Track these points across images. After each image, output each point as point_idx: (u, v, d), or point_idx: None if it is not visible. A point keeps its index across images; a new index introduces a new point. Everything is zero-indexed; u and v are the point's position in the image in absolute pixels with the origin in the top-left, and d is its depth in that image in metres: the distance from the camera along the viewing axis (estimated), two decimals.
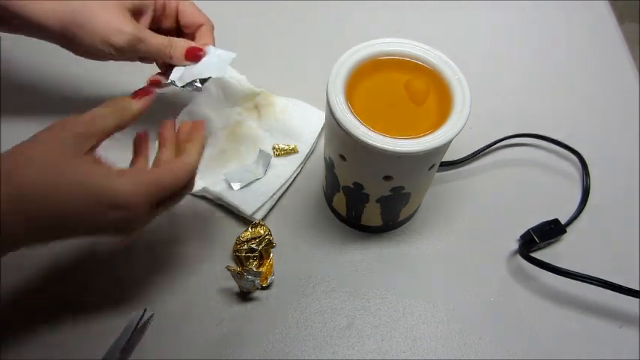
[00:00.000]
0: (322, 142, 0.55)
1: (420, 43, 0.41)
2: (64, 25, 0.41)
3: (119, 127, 0.36)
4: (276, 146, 0.53)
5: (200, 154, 0.38)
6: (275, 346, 0.43)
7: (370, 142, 0.35)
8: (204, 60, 0.44)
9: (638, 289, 0.43)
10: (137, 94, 0.38)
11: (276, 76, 0.60)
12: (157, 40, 0.42)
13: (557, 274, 0.44)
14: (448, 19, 0.69)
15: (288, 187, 0.52)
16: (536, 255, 0.45)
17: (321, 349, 0.43)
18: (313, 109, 0.56)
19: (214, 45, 0.45)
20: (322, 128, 0.55)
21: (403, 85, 0.40)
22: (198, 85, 0.43)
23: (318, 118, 0.55)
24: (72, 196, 0.31)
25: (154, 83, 0.45)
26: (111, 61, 0.45)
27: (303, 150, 0.53)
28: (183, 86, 0.43)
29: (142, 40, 0.42)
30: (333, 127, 0.38)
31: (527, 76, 0.63)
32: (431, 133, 0.36)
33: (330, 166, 0.44)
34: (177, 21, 0.46)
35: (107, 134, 0.35)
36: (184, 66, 0.44)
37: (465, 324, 0.45)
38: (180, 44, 0.43)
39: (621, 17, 0.70)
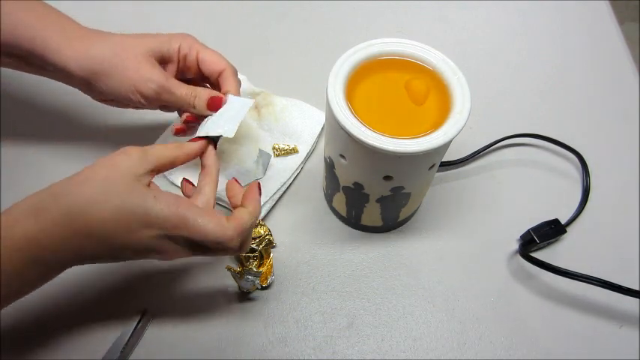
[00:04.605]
0: (322, 142, 0.55)
1: (420, 43, 0.41)
2: (92, 72, 0.41)
3: (177, 160, 0.37)
4: (276, 146, 0.53)
5: (250, 217, 0.37)
6: (275, 346, 0.43)
7: (370, 142, 0.35)
8: (221, 109, 0.43)
9: (638, 289, 0.43)
10: (179, 130, 0.44)
11: (276, 76, 0.60)
12: (182, 91, 0.42)
13: (557, 274, 0.44)
14: (448, 19, 0.69)
15: (288, 187, 0.52)
16: (536, 255, 0.45)
17: (321, 349, 0.43)
18: (313, 109, 0.56)
19: (239, 88, 0.45)
20: (322, 128, 0.55)
21: (403, 85, 0.40)
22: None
23: (318, 118, 0.55)
24: (113, 212, 0.32)
25: (180, 130, 0.45)
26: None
27: (303, 150, 0.53)
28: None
29: (169, 90, 0.42)
30: (333, 127, 0.38)
31: (527, 76, 0.63)
32: (431, 133, 0.36)
33: (330, 166, 0.44)
34: (199, 69, 0.45)
35: (164, 162, 0.36)
36: (206, 115, 0.43)
37: (465, 324, 0.45)
38: (204, 94, 0.43)
39: (621, 17, 0.70)
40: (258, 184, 0.40)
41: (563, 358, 0.44)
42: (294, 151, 0.53)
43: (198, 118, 0.44)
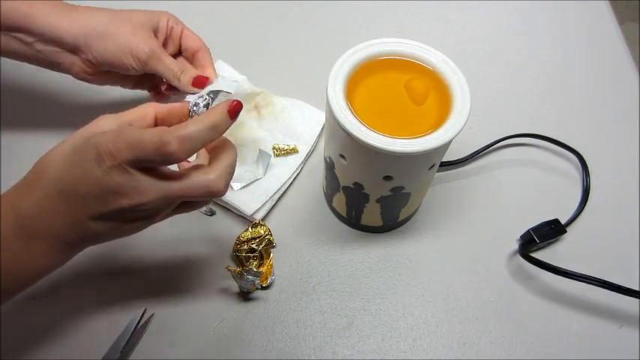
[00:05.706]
0: (322, 142, 0.55)
1: (420, 43, 0.41)
2: (85, 36, 0.43)
3: (147, 113, 0.36)
4: (276, 146, 0.53)
5: (195, 124, 0.33)
6: (275, 346, 0.43)
7: (370, 142, 0.35)
8: (208, 87, 0.45)
9: (638, 289, 0.43)
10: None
11: (276, 76, 0.60)
12: (172, 61, 0.45)
13: (557, 274, 0.44)
14: (448, 19, 0.69)
15: (288, 187, 0.52)
16: (536, 255, 0.45)
17: (321, 349, 0.43)
18: (313, 109, 0.56)
19: (214, 67, 0.47)
20: (322, 128, 0.55)
21: (403, 85, 0.40)
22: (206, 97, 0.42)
23: (318, 118, 0.55)
24: (69, 160, 0.33)
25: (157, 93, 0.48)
26: None
27: (303, 150, 0.53)
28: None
29: (160, 57, 0.44)
30: (333, 127, 0.38)
31: (527, 76, 0.63)
32: (431, 133, 0.36)
33: (330, 166, 0.44)
34: (179, 48, 0.48)
35: (133, 117, 0.36)
36: (189, 93, 0.45)
37: (465, 324, 0.45)
38: (192, 71, 0.45)
39: (621, 17, 0.70)
40: (230, 102, 0.37)
41: (563, 358, 0.44)
42: (294, 151, 0.53)
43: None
